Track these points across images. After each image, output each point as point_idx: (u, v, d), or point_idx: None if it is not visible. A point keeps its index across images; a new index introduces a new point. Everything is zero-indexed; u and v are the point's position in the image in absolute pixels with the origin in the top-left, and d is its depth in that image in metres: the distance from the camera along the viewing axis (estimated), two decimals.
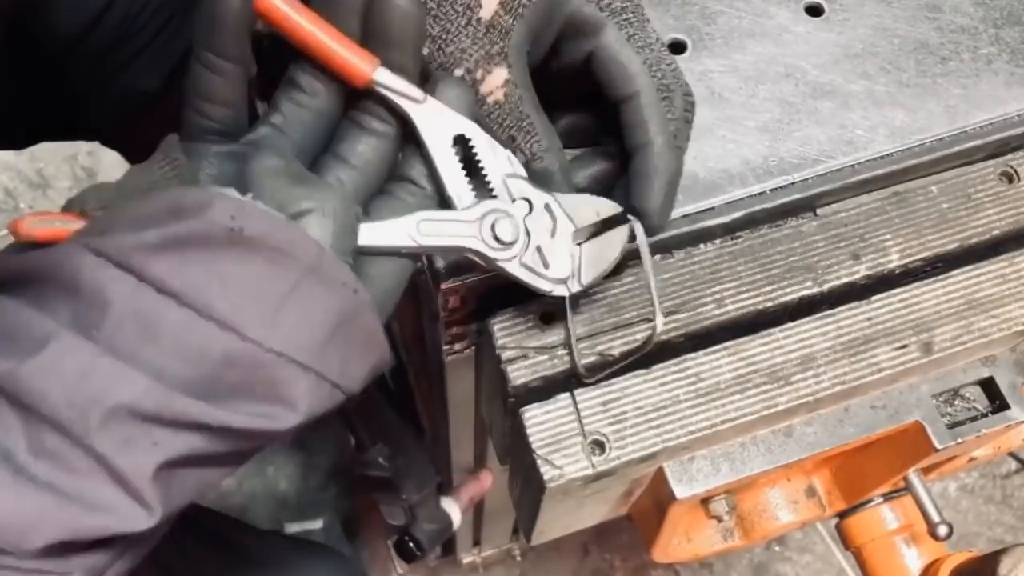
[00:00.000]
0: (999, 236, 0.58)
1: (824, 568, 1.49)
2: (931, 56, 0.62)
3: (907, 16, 0.63)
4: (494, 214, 0.47)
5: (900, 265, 0.57)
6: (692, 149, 0.58)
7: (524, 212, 0.47)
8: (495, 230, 0.47)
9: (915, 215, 0.58)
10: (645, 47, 0.49)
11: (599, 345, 0.54)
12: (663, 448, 0.52)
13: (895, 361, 0.55)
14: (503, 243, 0.47)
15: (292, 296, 0.38)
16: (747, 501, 0.71)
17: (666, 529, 0.64)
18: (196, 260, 0.37)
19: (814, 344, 0.55)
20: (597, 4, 0.49)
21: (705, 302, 0.55)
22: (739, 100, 0.60)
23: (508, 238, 0.47)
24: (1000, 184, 0.59)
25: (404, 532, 0.93)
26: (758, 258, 0.57)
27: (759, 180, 0.57)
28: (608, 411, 0.53)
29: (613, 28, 0.49)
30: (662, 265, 0.56)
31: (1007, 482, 1.56)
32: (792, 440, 0.58)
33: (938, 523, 0.68)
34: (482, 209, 0.47)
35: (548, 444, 0.52)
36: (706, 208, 0.56)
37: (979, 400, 0.60)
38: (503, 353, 0.53)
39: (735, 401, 0.53)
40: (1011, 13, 0.63)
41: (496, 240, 0.47)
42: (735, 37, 0.62)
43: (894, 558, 0.74)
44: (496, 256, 0.47)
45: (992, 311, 0.56)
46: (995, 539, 1.52)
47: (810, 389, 0.54)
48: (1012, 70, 0.61)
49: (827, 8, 0.63)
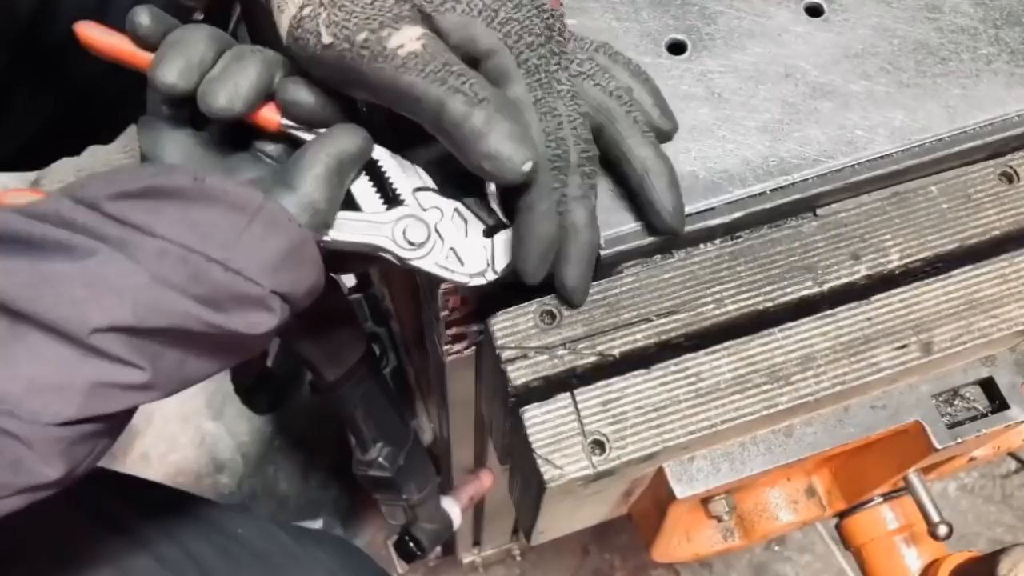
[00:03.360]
0: (999, 236, 0.58)
1: (824, 568, 1.49)
2: (931, 56, 0.62)
3: (907, 16, 0.63)
4: (407, 220, 0.52)
5: (900, 265, 0.57)
6: (692, 149, 0.58)
7: (436, 219, 0.52)
8: (407, 233, 0.52)
9: (915, 215, 0.58)
10: (548, 113, 0.50)
11: (599, 345, 0.54)
12: (663, 448, 0.52)
13: (895, 361, 0.55)
14: (414, 244, 0.52)
15: (248, 231, 0.46)
16: (747, 501, 0.71)
17: (666, 529, 0.64)
18: (169, 207, 0.45)
19: (814, 344, 0.55)
20: (516, 54, 0.49)
21: (705, 302, 0.55)
22: (739, 100, 0.60)
23: (419, 239, 0.52)
24: (1000, 184, 0.59)
25: (404, 532, 0.93)
26: (758, 258, 0.57)
27: (759, 180, 0.57)
28: (608, 411, 0.53)
29: (521, 86, 0.49)
30: (662, 265, 0.56)
31: (1007, 482, 1.56)
32: (792, 440, 0.58)
33: (938, 523, 0.68)
34: (395, 214, 0.52)
35: (548, 444, 0.52)
36: (706, 208, 0.56)
37: (979, 400, 0.60)
38: (503, 353, 0.53)
39: (735, 401, 0.53)
40: (1011, 13, 0.63)
41: (408, 242, 0.52)
42: (735, 37, 0.62)
43: (894, 558, 0.74)
44: (407, 256, 0.52)
45: (992, 311, 0.56)
46: (995, 539, 1.52)
47: (810, 389, 0.54)
48: (1012, 70, 0.61)
49: (827, 8, 0.63)
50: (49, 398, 0.43)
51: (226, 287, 0.46)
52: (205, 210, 0.46)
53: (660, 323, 0.54)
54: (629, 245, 0.55)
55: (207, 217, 0.46)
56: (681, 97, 0.60)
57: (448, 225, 0.52)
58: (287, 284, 0.48)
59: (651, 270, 0.56)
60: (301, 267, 0.48)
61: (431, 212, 0.52)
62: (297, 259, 0.48)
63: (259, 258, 0.46)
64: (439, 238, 0.52)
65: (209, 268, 0.45)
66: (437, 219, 0.52)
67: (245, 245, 0.46)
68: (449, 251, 0.52)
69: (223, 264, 0.45)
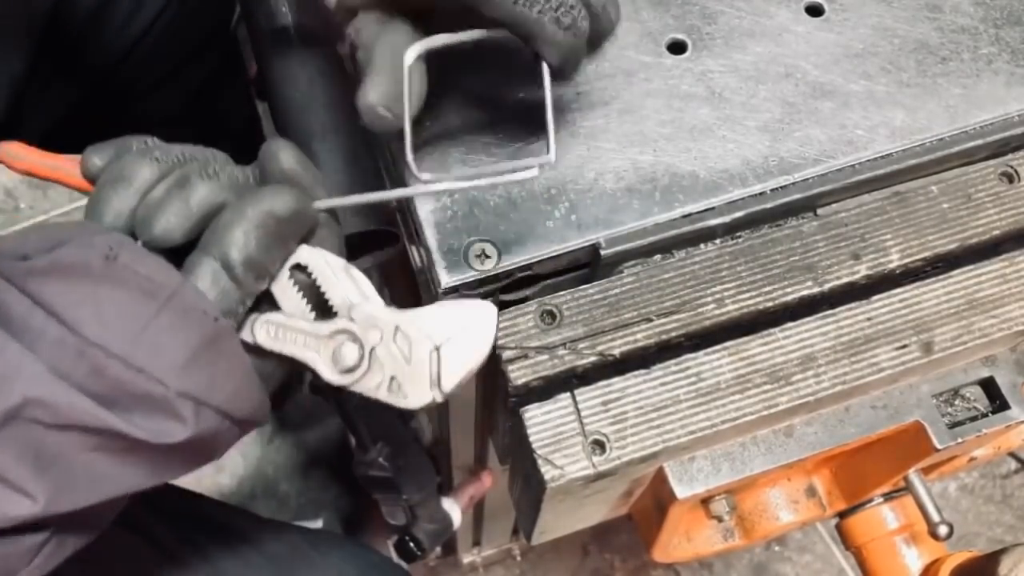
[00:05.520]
0: (999, 236, 0.58)
1: (824, 568, 1.49)
2: (931, 56, 0.62)
3: (907, 16, 0.63)
4: (341, 336, 0.45)
5: (900, 265, 0.57)
6: (692, 149, 0.58)
7: (375, 341, 0.45)
8: (337, 355, 0.45)
9: (915, 215, 0.58)
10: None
11: (599, 345, 0.54)
12: (663, 448, 0.52)
13: (895, 361, 0.55)
14: (348, 369, 0.45)
15: (155, 321, 0.41)
16: (747, 501, 0.71)
17: (666, 529, 0.64)
18: (78, 285, 0.41)
19: (814, 344, 0.55)
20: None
21: (705, 302, 0.55)
22: (739, 100, 0.60)
23: (351, 362, 0.45)
24: (1000, 184, 0.59)
25: (404, 532, 0.93)
26: (758, 258, 0.57)
27: (759, 180, 0.57)
28: (608, 411, 0.53)
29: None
30: (662, 265, 0.56)
31: (1007, 482, 1.56)
32: (792, 440, 0.58)
33: (938, 523, 0.68)
34: (328, 328, 0.45)
35: (548, 444, 0.52)
36: (706, 208, 0.56)
37: (979, 400, 0.60)
38: (503, 353, 0.53)
39: (735, 401, 0.53)
40: (1011, 13, 0.63)
41: (338, 365, 0.45)
42: (735, 37, 0.62)
43: (894, 558, 0.74)
44: (338, 381, 0.45)
45: (992, 311, 0.56)
46: (995, 539, 1.52)
47: (810, 389, 0.54)
48: (1012, 70, 0.61)
49: (827, 8, 0.63)
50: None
51: (128, 386, 0.40)
52: (113, 292, 0.41)
53: (660, 323, 0.54)
54: (629, 245, 0.55)
55: (114, 301, 0.41)
56: (681, 97, 0.60)
57: (388, 349, 0.45)
58: (200, 385, 0.41)
59: (651, 270, 0.56)
60: (216, 366, 0.42)
61: (369, 332, 0.45)
62: (211, 356, 0.42)
63: (166, 354, 0.41)
64: (378, 363, 0.45)
65: (108, 363, 0.40)
66: (375, 341, 0.45)
67: (151, 338, 0.41)
68: (389, 382, 0.45)
69: (123, 360, 0.40)
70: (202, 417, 0.42)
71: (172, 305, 0.41)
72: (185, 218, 0.44)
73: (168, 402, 0.41)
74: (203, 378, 0.42)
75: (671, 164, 0.57)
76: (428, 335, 0.45)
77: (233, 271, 0.43)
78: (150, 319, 0.41)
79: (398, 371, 0.45)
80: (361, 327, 0.45)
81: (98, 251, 0.41)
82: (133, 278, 0.41)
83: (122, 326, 0.40)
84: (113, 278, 0.41)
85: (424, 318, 0.45)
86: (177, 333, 0.41)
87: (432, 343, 0.45)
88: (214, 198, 0.45)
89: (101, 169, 0.47)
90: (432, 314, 0.46)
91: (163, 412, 0.41)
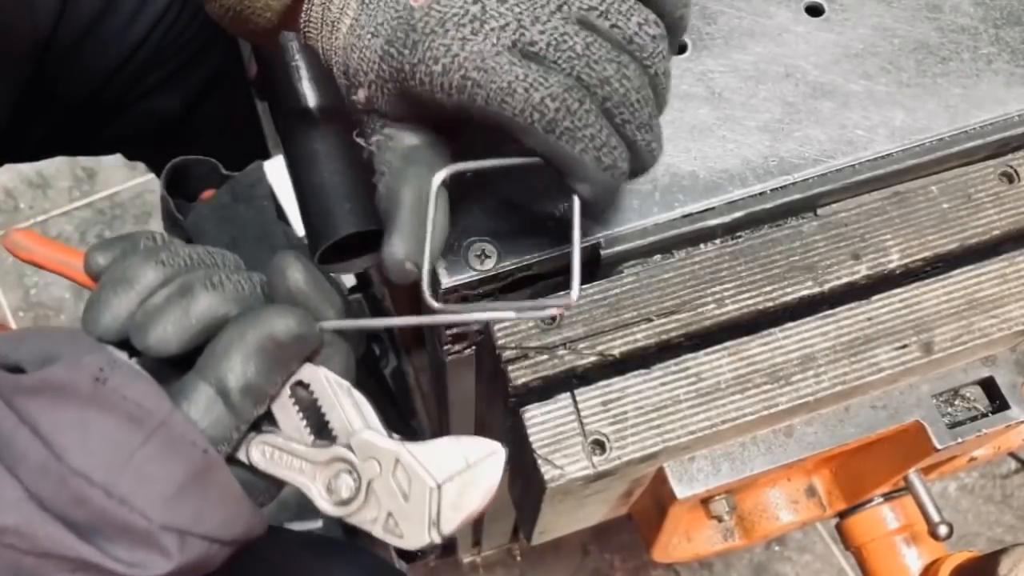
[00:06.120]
0: (999, 236, 0.58)
1: (824, 568, 1.49)
2: (931, 56, 0.62)
3: (907, 16, 0.63)
4: (337, 465, 0.44)
5: (900, 265, 0.57)
6: (692, 149, 0.58)
7: (373, 473, 0.43)
8: (333, 484, 0.44)
9: (915, 215, 0.58)
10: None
11: (599, 345, 0.54)
12: (663, 448, 0.52)
13: (895, 361, 0.55)
14: (343, 501, 0.43)
15: (141, 450, 0.40)
16: (747, 501, 0.71)
17: (666, 529, 0.64)
18: (66, 406, 0.40)
19: (814, 344, 0.55)
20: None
21: (705, 302, 0.55)
22: (739, 100, 0.60)
23: (347, 495, 0.43)
24: (1000, 184, 0.59)
25: None
26: (758, 258, 0.57)
27: (759, 180, 0.57)
28: (608, 411, 0.53)
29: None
30: (662, 265, 0.56)
31: (1007, 482, 1.56)
32: (792, 440, 0.58)
33: (938, 523, 0.68)
34: (325, 455, 0.44)
35: (548, 444, 0.52)
36: (706, 208, 0.56)
37: (979, 400, 0.60)
38: (503, 353, 0.53)
39: (735, 401, 0.53)
40: (1011, 13, 0.63)
41: (334, 495, 0.44)
42: (735, 37, 0.62)
43: (894, 558, 0.74)
44: (332, 511, 0.43)
45: (992, 311, 0.56)
46: (995, 539, 1.52)
47: (810, 389, 0.54)
48: (1012, 70, 0.61)
49: (827, 8, 0.63)
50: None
51: (110, 517, 0.39)
52: (100, 418, 0.40)
53: (660, 323, 0.54)
54: (629, 245, 0.55)
55: (100, 428, 0.40)
56: (681, 97, 0.60)
57: (387, 483, 0.43)
58: (185, 518, 0.40)
59: (651, 270, 0.56)
60: (204, 497, 0.41)
61: (368, 464, 0.43)
62: (199, 488, 0.41)
63: (152, 486, 0.39)
64: (375, 498, 0.43)
65: (91, 493, 0.39)
66: (374, 474, 0.43)
67: (136, 468, 0.39)
68: (386, 519, 0.43)
69: (106, 490, 0.39)
70: (188, 547, 0.40)
71: (160, 434, 0.40)
72: (184, 329, 0.43)
73: (151, 535, 0.39)
74: (189, 510, 0.40)
75: (671, 164, 0.57)
76: (430, 472, 0.43)
77: (229, 398, 0.42)
78: (136, 448, 0.40)
79: (395, 508, 0.43)
80: (360, 457, 0.44)
81: (88, 372, 0.40)
82: (122, 403, 0.40)
83: (107, 455, 0.39)
84: (101, 402, 0.40)
85: (427, 453, 0.43)
86: (164, 464, 0.40)
87: (433, 481, 0.43)
88: (216, 311, 0.44)
89: (103, 268, 0.46)
90: (436, 449, 0.43)
91: (146, 545, 0.40)
